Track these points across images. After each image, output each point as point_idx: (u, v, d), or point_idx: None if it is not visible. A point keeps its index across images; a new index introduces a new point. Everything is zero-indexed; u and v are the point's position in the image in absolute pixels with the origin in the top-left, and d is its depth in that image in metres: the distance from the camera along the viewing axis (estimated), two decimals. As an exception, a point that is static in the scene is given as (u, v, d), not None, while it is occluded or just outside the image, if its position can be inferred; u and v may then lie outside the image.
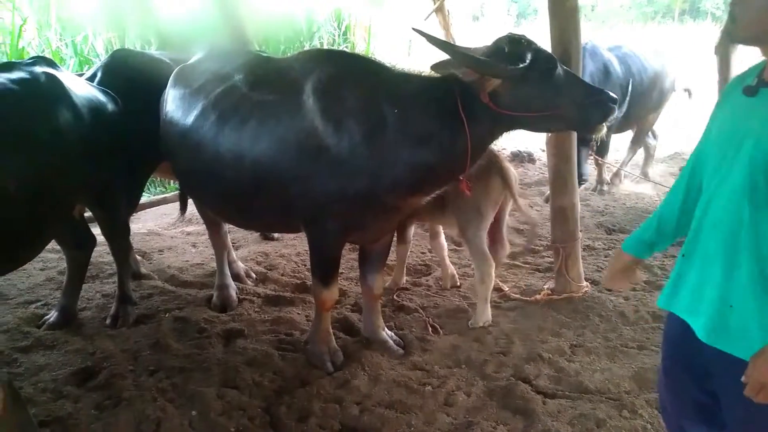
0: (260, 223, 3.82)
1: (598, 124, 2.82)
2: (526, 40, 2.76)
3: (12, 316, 4.06)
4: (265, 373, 3.35)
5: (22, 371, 3.40)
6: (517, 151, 8.34)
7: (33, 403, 3.06)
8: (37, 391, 3.21)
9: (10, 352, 3.58)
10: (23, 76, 3.23)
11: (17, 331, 3.85)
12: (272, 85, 3.11)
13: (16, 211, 2.93)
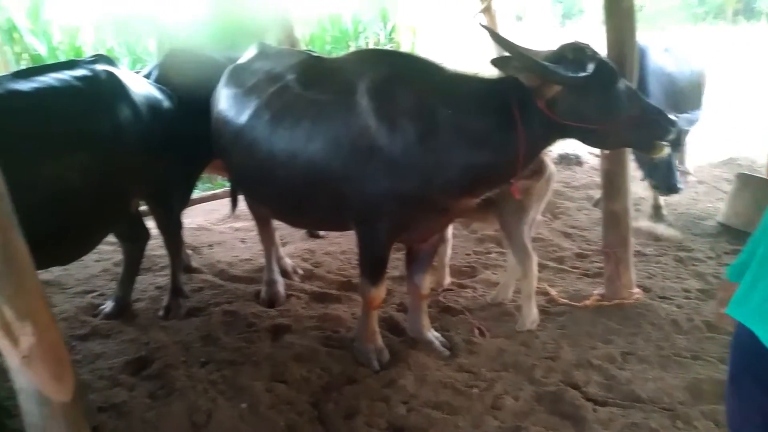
0: (310, 220, 3.86)
1: (652, 145, 2.78)
2: (591, 49, 2.72)
3: (70, 305, 4.22)
4: (313, 368, 3.39)
5: (80, 358, 3.53)
6: (565, 153, 8.20)
7: (91, 390, 3.18)
8: (94, 378, 3.34)
9: (68, 339, 3.72)
10: (85, 74, 3.37)
11: (75, 320, 4.00)
12: (325, 84, 3.14)
13: (79, 204, 3.05)
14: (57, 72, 3.25)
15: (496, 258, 4.91)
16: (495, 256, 4.97)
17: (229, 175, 4.23)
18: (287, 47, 5.43)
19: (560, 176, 7.50)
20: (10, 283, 1.58)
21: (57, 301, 4.27)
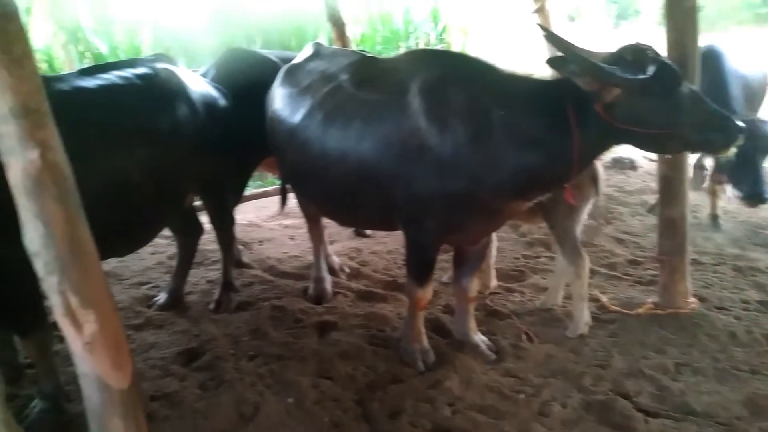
0: (359, 219, 3.89)
1: (719, 150, 2.68)
2: (653, 51, 2.64)
3: (126, 296, 4.38)
4: (358, 366, 3.41)
5: (135, 348, 3.66)
6: (618, 156, 7.99)
7: (144, 378, 3.28)
8: (147, 367, 3.45)
9: (124, 329, 3.85)
10: (146, 72, 3.48)
11: (130, 310, 4.14)
12: (378, 84, 3.16)
13: (138, 198, 3.15)
14: (120, 70, 3.38)
15: (546, 262, 4.83)
16: (544, 261, 4.89)
17: (281, 173, 4.30)
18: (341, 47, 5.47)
19: (613, 180, 7.32)
20: (76, 272, 1.65)
21: (113, 291, 4.34)
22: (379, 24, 10.42)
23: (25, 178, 1.57)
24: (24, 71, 1.53)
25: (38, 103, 1.57)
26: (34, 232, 1.62)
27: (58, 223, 1.62)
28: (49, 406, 3.03)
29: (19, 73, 1.51)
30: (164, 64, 3.63)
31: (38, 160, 1.56)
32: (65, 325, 1.71)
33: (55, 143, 1.62)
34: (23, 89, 1.53)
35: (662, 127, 2.63)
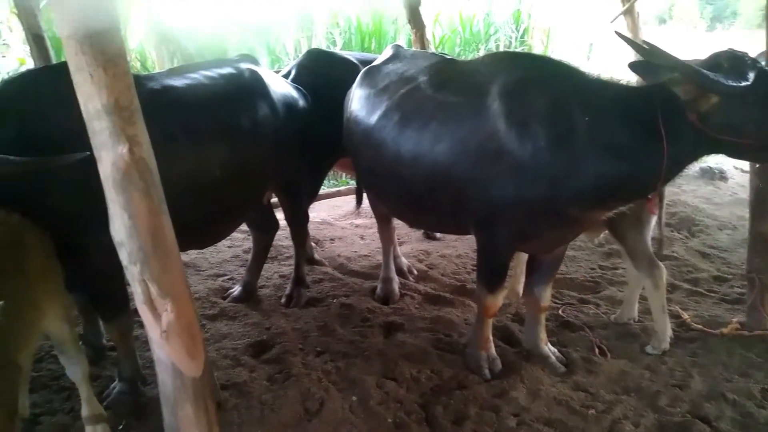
0: (431, 221, 3.87)
1: None
2: (750, 58, 2.49)
3: (203, 287, 4.56)
4: (423, 369, 3.39)
5: (209, 337, 3.80)
6: (707, 166, 7.55)
7: (216, 367, 3.40)
8: (219, 357, 3.57)
9: (199, 319, 4.01)
10: (231, 72, 3.60)
11: (206, 300, 4.31)
12: (457, 87, 3.13)
13: (220, 193, 3.27)
14: (206, 70, 3.51)
15: (623, 274, 4.63)
16: (622, 273, 4.69)
17: (356, 173, 4.34)
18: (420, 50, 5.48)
19: (701, 192, 6.94)
20: (158, 263, 1.74)
21: (191, 282, 4.62)
22: (459, 26, 10.34)
23: (114, 172, 1.66)
24: (117, 70, 1.62)
25: (129, 100, 1.66)
26: (120, 223, 1.72)
27: (142, 215, 1.70)
28: (128, 387, 3.20)
29: (113, 72, 1.60)
30: (248, 64, 3.74)
31: (127, 155, 1.65)
32: (144, 313, 1.80)
33: (143, 139, 1.71)
34: (116, 87, 1.62)
35: (762, 137, 2.46)
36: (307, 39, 9.54)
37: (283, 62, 8.80)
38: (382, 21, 9.94)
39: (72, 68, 1.62)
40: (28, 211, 2.60)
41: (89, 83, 1.60)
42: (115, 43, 1.64)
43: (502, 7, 10.89)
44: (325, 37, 9.66)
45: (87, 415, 2.83)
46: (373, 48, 9.45)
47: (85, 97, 1.63)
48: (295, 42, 9.50)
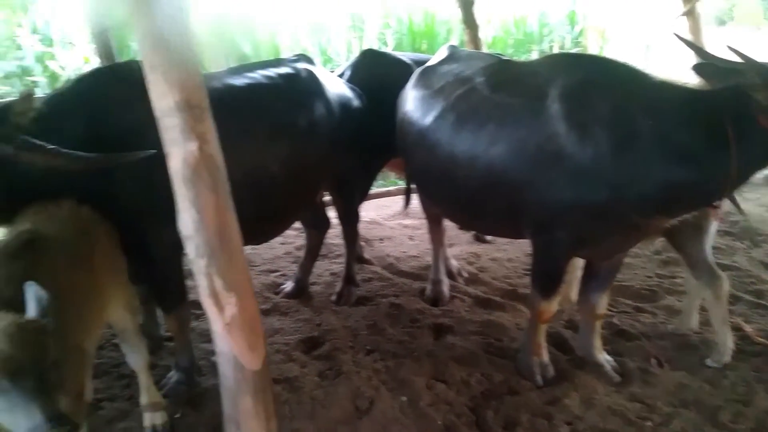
0: (484, 224, 3.83)
1: None
2: None
3: (256, 282, 4.64)
4: (473, 373, 3.37)
5: (262, 331, 3.86)
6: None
7: (269, 362, 3.45)
8: (272, 351, 3.63)
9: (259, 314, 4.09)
10: (288, 71, 3.66)
11: (259, 296, 4.38)
12: (514, 88, 3.10)
13: (277, 191, 3.33)
14: (264, 69, 3.58)
15: (682, 284, 4.48)
16: (680, 282, 4.54)
17: (407, 173, 4.34)
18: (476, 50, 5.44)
19: (765, 200, 6.64)
20: (223, 257, 1.78)
21: None
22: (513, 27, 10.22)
23: (184, 168, 1.72)
24: (189, 69, 1.67)
25: (199, 99, 1.71)
26: (188, 217, 1.77)
27: (209, 210, 1.75)
28: (184, 377, 3.29)
29: (184, 71, 1.65)
30: (305, 64, 3.80)
31: (196, 152, 1.70)
32: (208, 306, 1.84)
33: (211, 137, 1.75)
34: (187, 86, 1.66)
35: None
36: (359, 40, 9.59)
37: (334, 63, 8.88)
38: (434, 21, 9.91)
39: (146, 67, 1.68)
40: (95, 205, 2.71)
41: (162, 81, 1.65)
42: (187, 42, 1.68)
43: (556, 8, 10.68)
44: (377, 37, 9.70)
45: (146, 402, 2.93)
46: (424, 49, 9.43)
47: (157, 95, 1.68)
48: (347, 43, 9.57)
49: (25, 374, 1.63)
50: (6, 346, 1.63)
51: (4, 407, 1.62)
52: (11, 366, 1.61)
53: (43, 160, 2.44)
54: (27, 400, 1.61)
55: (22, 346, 1.66)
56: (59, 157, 2.46)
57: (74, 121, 2.76)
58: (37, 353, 1.69)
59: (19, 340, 1.66)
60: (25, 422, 1.60)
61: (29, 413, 1.60)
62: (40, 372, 1.67)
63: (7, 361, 1.61)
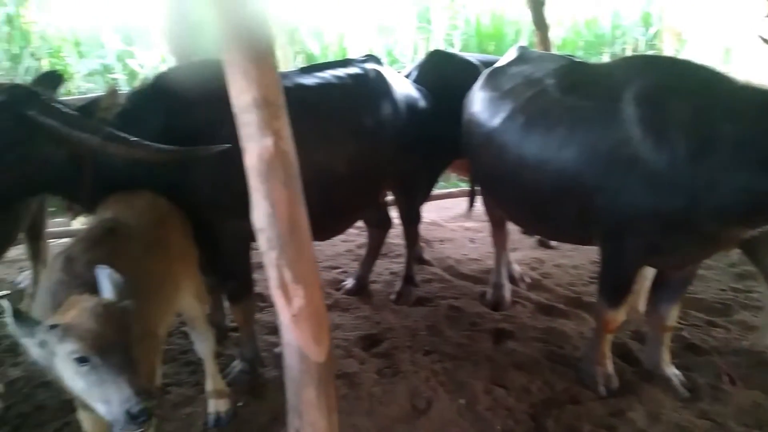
0: (551, 229, 3.75)
1: None
2: None
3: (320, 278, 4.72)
4: (534, 380, 3.32)
5: (323, 326, 3.93)
6: None
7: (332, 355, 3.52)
8: (332, 346, 3.66)
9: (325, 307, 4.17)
10: (357, 72, 3.71)
11: (321, 291, 4.45)
12: (587, 90, 3.02)
13: (344, 189, 3.38)
14: (334, 69, 3.64)
15: (759, 299, 4.26)
16: (757, 297, 4.31)
17: (471, 175, 4.31)
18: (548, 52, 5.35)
19: None
20: (292, 250, 1.82)
21: None
22: (584, 28, 9.95)
23: (259, 163, 1.77)
24: (267, 67, 1.72)
25: (276, 96, 1.75)
26: (261, 210, 1.82)
27: (282, 204, 1.79)
28: (248, 368, 3.39)
29: (263, 69, 1.70)
30: (373, 64, 3.84)
31: (272, 147, 1.74)
32: (277, 297, 1.89)
33: (286, 133, 1.80)
34: (265, 83, 1.71)
35: None
36: (425, 41, 9.60)
37: (400, 64, 8.92)
38: (502, 22, 9.78)
39: (226, 64, 1.74)
40: (170, 196, 2.84)
41: (241, 78, 1.70)
42: (266, 40, 1.74)
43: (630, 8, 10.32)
44: (443, 38, 9.67)
45: (211, 389, 3.04)
46: (491, 50, 9.33)
47: (236, 91, 1.74)
48: (413, 44, 9.59)
49: (113, 351, 1.74)
50: (95, 325, 1.73)
51: (94, 382, 1.73)
52: (101, 343, 1.72)
53: (126, 151, 2.58)
54: (116, 374, 1.72)
55: (109, 325, 1.76)
56: (141, 148, 2.59)
57: (153, 116, 2.90)
58: (122, 332, 1.79)
59: (106, 319, 1.76)
60: (116, 395, 1.71)
61: (119, 387, 1.71)
62: (126, 350, 1.78)
63: (97, 338, 1.72)
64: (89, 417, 2.35)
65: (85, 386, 1.75)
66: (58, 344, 1.72)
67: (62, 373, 1.79)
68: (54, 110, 2.55)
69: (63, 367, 1.77)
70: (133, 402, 1.68)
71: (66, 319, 1.74)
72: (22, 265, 5.10)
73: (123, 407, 1.69)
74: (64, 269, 2.07)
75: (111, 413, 1.72)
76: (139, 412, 1.68)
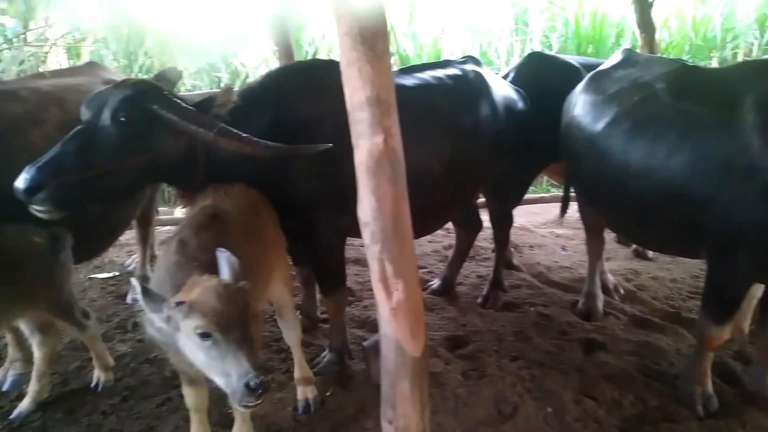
0: (656, 239, 3.58)
1: None
2: None
3: (405, 276, 4.77)
4: (626, 394, 3.20)
5: (408, 324, 3.97)
6: None
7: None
8: (425, 344, 3.71)
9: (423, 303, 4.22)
10: (456, 73, 3.72)
11: (408, 290, 4.50)
12: (702, 96, 2.89)
13: (439, 188, 3.40)
14: (433, 70, 3.68)
15: None
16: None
17: (568, 180, 4.21)
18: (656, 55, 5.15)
19: None
20: (395, 245, 1.87)
21: None
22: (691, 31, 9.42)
23: (368, 159, 1.83)
24: (382, 66, 1.78)
25: (388, 94, 1.81)
26: (367, 205, 1.88)
27: (387, 200, 1.85)
28: (336, 359, 3.49)
29: (378, 68, 1.76)
30: (473, 66, 3.84)
31: (381, 144, 1.80)
32: (378, 290, 1.95)
33: (396, 131, 1.85)
34: (379, 82, 1.77)
35: None
36: (521, 43, 9.44)
37: (494, 66, 8.83)
38: (603, 24, 9.45)
39: (343, 63, 1.82)
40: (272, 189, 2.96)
41: (357, 77, 1.77)
42: (383, 41, 1.79)
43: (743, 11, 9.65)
44: (540, 41, 9.47)
45: (298, 376, 3.15)
46: (590, 53, 9.04)
47: (351, 90, 1.81)
48: (508, 46, 9.46)
49: (233, 328, 1.86)
50: (218, 303, 1.86)
51: (215, 356, 1.86)
52: (223, 320, 1.85)
53: (237, 146, 2.72)
54: (235, 350, 1.84)
55: (230, 303, 1.89)
56: (250, 144, 2.73)
57: (261, 113, 3.04)
58: (241, 310, 1.92)
59: (227, 298, 1.89)
60: (235, 369, 1.83)
61: (238, 361, 1.83)
62: (244, 327, 1.90)
63: (219, 315, 1.84)
64: (192, 392, 2.53)
65: (206, 360, 1.89)
66: (183, 320, 1.86)
67: (184, 347, 1.95)
68: (174, 105, 2.73)
69: (186, 342, 1.92)
70: (251, 375, 1.80)
71: (191, 297, 1.88)
72: (131, 249, 5.50)
73: (242, 380, 1.81)
74: (178, 252, 2.23)
75: (230, 385, 1.85)
76: (257, 385, 1.80)
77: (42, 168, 2.48)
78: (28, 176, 2.46)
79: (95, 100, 2.70)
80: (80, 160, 2.55)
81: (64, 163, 2.53)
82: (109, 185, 2.67)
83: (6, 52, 7.32)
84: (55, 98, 3.38)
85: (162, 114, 2.67)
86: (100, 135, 2.62)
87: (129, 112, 2.64)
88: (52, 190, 2.48)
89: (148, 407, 3.13)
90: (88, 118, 2.68)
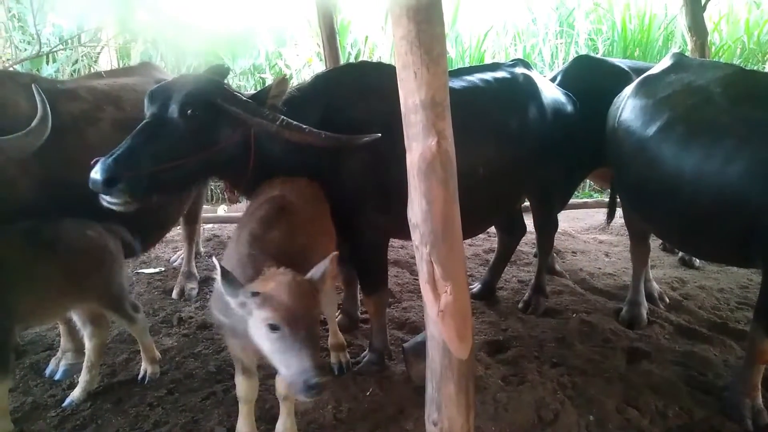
0: (707, 247, 3.49)
1: None
2: None
3: (445, 279, 4.77)
4: (670, 404, 3.13)
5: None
6: None
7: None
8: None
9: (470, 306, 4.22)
10: (505, 76, 3.71)
11: (445, 293, 4.50)
12: (761, 101, 2.82)
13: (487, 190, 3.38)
14: (482, 72, 3.67)
15: None
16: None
17: (615, 185, 4.14)
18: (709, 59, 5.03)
19: None
20: (445, 247, 1.88)
21: None
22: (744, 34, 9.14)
23: (420, 161, 1.85)
24: (438, 69, 1.79)
25: (443, 97, 1.82)
26: (418, 207, 1.90)
27: (438, 202, 1.86)
28: (376, 359, 3.50)
29: (434, 71, 1.78)
30: (522, 69, 3.82)
31: (434, 147, 1.82)
32: (426, 291, 1.96)
33: (449, 133, 1.86)
34: (434, 85, 1.79)
35: None
36: (566, 45, 9.32)
37: (538, 68, 8.73)
38: (651, 28, 9.25)
39: (399, 66, 1.84)
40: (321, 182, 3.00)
41: (413, 80, 1.79)
42: (440, 45, 1.80)
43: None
44: (585, 44, 9.33)
45: (333, 342, 3.43)
46: (636, 56, 8.86)
47: (406, 92, 1.83)
48: (553, 48, 9.35)
49: (301, 325, 1.92)
50: (290, 299, 1.92)
51: (280, 348, 1.93)
52: (292, 316, 1.91)
53: (299, 137, 2.77)
54: (300, 347, 1.89)
55: (301, 300, 1.94)
56: (311, 135, 2.77)
57: (311, 112, 3.08)
58: (311, 308, 1.98)
59: (299, 295, 1.94)
60: (297, 364, 1.89)
61: (301, 358, 1.88)
62: (312, 325, 1.96)
63: (290, 311, 1.90)
64: (244, 381, 2.59)
65: (271, 349, 1.96)
66: (256, 309, 1.94)
67: (253, 333, 2.01)
68: (236, 98, 2.79)
69: (255, 328, 1.99)
70: (311, 374, 1.85)
71: (266, 288, 1.95)
72: (176, 245, 5.63)
73: (302, 377, 1.86)
74: (250, 243, 2.29)
75: (290, 377, 1.91)
76: (315, 384, 1.84)
77: (118, 160, 2.54)
78: (105, 168, 2.50)
79: (159, 95, 2.76)
80: (153, 153, 2.62)
81: (138, 155, 2.59)
82: (175, 178, 2.73)
83: (61, 53, 7.57)
84: (111, 97, 3.49)
85: (227, 107, 2.73)
86: (168, 129, 2.69)
87: (196, 106, 2.70)
88: (128, 181, 2.54)
89: (193, 400, 3.20)
90: (153, 112, 2.74)
